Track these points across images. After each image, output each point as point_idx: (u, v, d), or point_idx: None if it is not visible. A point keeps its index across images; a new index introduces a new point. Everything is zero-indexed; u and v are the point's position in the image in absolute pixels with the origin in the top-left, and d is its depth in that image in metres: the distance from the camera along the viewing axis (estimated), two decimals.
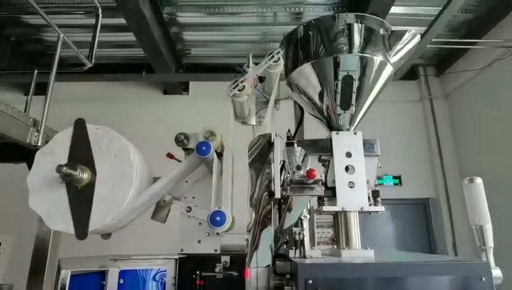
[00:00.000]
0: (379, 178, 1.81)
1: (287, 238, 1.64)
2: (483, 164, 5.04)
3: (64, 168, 1.38)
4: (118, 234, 1.75)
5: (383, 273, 1.26)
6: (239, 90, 1.54)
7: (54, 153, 1.52)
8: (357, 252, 1.57)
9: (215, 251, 1.79)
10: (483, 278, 1.26)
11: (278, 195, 1.48)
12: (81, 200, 1.50)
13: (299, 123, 2.11)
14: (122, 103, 5.98)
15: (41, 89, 3.15)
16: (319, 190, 1.51)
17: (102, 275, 1.59)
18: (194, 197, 1.88)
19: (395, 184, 5.65)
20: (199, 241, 1.82)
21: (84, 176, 1.49)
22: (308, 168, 1.47)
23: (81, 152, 1.55)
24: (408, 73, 5.99)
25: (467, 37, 5.22)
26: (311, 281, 1.22)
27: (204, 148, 1.55)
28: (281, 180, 1.60)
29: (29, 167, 2.83)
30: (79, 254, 1.71)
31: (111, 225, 1.53)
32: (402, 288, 1.24)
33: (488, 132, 5.15)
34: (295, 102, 2.08)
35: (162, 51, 5.15)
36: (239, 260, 1.81)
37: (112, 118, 4.91)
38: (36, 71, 3.65)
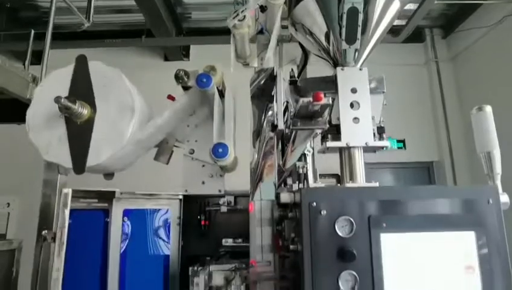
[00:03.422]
0: None
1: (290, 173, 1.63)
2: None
3: (63, 100, 1.36)
4: (121, 175, 1.74)
5: (388, 196, 1.25)
6: (239, 21, 1.48)
7: (54, 88, 1.49)
8: (361, 184, 1.55)
9: (219, 191, 1.78)
10: (491, 201, 1.24)
11: (281, 126, 1.45)
12: (80, 135, 1.49)
13: (303, 66, 2.05)
14: (121, 70, 5.88)
15: (39, 58, 3.13)
16: (323, 122, 1.48)
17: (106, 212, 1.59)
18: (196, 141, 1.86)
19: (399, 148, 5.59)
20: (203, 183, 1.82)
21: (84, 111, 1.47)
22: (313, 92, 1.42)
23: (81, 88, 1.52)
24: (414, 35, 5.80)
25: None
26: (315, 203, 1.21)
27: (204, 80, 1.51)
28: (284, 115, 1.58)
29: None
30: None
31: (114, 162, 1.52)
32: (407, 211, 1.23)
33: (495, 94, 5.04)
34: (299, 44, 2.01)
35: (161, 15, 5.01)
36: (243, 199, 1.81)
37: None
38: (33, 31, 3.59)
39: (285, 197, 1.44)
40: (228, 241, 1.71)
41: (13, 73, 2.56)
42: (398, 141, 6.22)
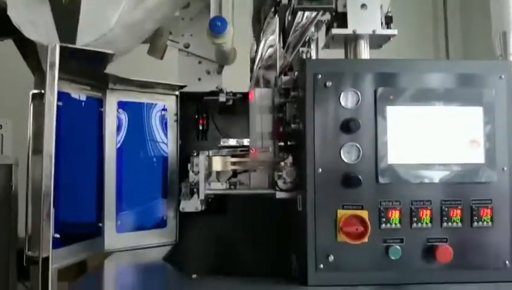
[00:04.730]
0: None
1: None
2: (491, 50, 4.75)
3: None
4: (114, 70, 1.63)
5: (397, 68, 1.19)
6: None
7: None
8: None
9: (217, 88, 1.72)
10: (503, 76, 1.19)
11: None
12: (66, 17, 1.37)
13: None
14: None
15: None
16: (328, 1, 1.36)
17: (100, 102, 1.53)
18: (191, 35, 1.75)
19: None
20: (199, 80, 1.75)
21: None
22: None
23: None
24: None
25: None
26: (320, 75, 1.15)
27: None
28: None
29: (17, 44, 2.63)
30: None
31: (104, 47, 1.42)
32: (415, 84, 1.17)
33: None
34: None
35: None
36: (242, 103, 1.74)
37: None
38: None
39: (287, 82, 1.38)
40: (227, 142, 1.67)
41: None
42: None
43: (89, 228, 1.50)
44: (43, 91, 1.12)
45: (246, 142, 1.64)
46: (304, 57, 1.45)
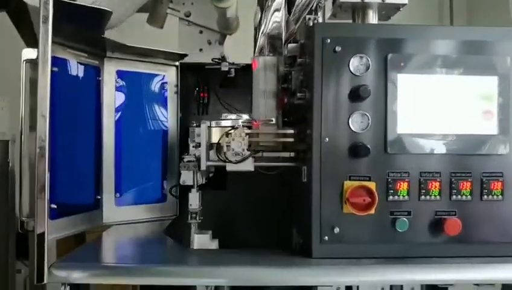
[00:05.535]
0: None
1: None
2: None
3: None
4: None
5: (409, 34, 1.13)
6: None
7: None
8: None
9: (220, 56, 1.65)
10: None
11: None
12: None
13: None
14: None
15: None
16: None
17: (98, 70, 1.47)
18: (192, 4, 1.68)
19: None
20: (201, 50, 1.68)
21: None
22: None
23: None
24: None
25: None
26: (329, 40, 1.09)
27: None
28: None
29: (10, 16, 2.53)
30: None
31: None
32: (427, 51, 1.12)
33: None
34: None
35: None
36: (245, 75, 1.68)
37: None
38: None
39: (293, 50, 1.33)
40: (229, 116, 1.62)
41: None
42: None
43: (86, 200, 1.46)
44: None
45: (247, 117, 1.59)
46: (311, 24, 1.38)
